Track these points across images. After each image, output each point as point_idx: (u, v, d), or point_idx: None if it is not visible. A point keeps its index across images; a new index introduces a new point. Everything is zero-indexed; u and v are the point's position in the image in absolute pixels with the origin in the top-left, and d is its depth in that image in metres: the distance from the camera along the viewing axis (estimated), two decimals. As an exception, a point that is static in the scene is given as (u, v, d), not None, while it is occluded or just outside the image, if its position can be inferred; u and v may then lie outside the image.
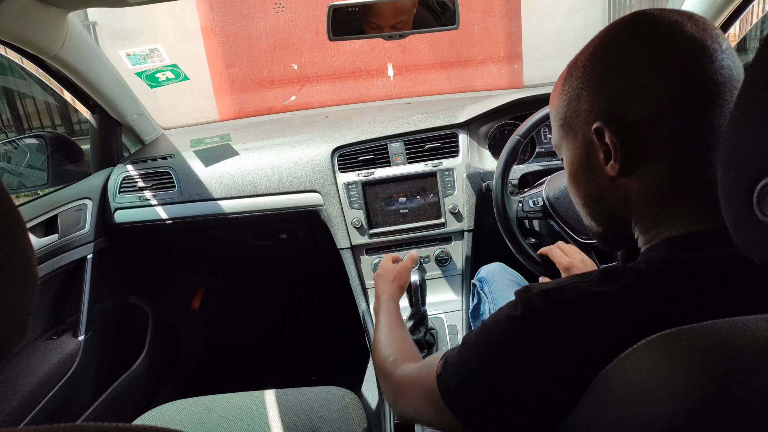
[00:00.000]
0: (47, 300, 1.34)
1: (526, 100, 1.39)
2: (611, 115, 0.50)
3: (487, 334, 0.52)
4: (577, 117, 0.54)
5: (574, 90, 0.54)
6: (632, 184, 0.52)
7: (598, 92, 0.51)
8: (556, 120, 0.58)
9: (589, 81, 0.52)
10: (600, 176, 0.54)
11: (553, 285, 0.50)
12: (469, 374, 0.52)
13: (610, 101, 0.50)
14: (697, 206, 0.49)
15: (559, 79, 0.58)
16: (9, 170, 1.48)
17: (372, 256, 1.42)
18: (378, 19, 1.20)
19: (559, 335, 0.46)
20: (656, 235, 0.51)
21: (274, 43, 3.30)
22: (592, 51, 0.52)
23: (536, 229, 1.34)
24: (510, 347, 0.49)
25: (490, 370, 0.50)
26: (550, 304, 0.47)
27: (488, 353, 0.51)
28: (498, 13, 3.46)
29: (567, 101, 0.55)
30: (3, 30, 1.04)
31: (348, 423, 0.94)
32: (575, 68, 0.54)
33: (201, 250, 1.68)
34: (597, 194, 0.56)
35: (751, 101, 0.34)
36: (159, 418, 0.99)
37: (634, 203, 0.53)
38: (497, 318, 0.52)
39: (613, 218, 0.56)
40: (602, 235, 0.60)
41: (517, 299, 0.51)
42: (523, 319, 0.48)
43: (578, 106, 0.53)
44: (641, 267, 0.48)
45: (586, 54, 0.53)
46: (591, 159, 0.54)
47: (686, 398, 0.34)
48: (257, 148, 1.48)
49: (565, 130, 0.57)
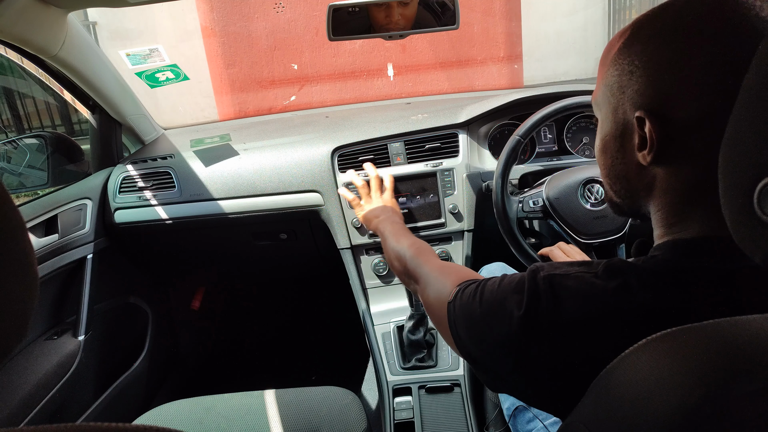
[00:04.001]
0: (47, 300, 1.34)
1: (526, 100, 1.39)
2: (658, 106, 0.48)
3: (491, 305, 0.55)
4: (623, 93, 0.51)
5: (629, 64, 0.50)
6: (660, 175, 0.51)
7: (653, 79, 0.48)
8: (602, 82, 0.55)
9: (647, 63, 0.48)
10: (630, 158, 0.53)
11: (561, 271, 0.51)
12: (472, 331, 0.57)
13: (661, 92, 0.47)
14: (714, 212, 0.48)
15: (617, 39, 0.53)
16: (9, 170, 1.48)
17: (372, 256, 1.42)
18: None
19: (555, 329, 0.48)
20: (669, 233, 0.51)
21: (274, 43, 3.30)
22: (661, 28, 0.48)
23: (536, 229, 1.34)
24: (508, 338, 0.51)
25: (487, 343, 0.54)
26: (553, 292, 0.49)
27: (489, 330, 0.54)
28: (498, 13, 3.46)
29: (619, 72, 0.52)
30: (3, 30, 1.04)
31: (348, 423, 0.94)
32: (638, 39, 0.50)
33: (201, 250, 1.68)
34: (622, 173, 0.55)
35: (752, 101, 0.34)
36: (159, 418, 0.99)
37: (657, 194, 0.52)
38: (501, 299, 0.54)
39: (633, 197, 0.56)
40: (617, 206, 0.59)
41: (525, 279, 0.52)
42: (523, 311, 0.50)
43: (628, 82, 0.50)
44: (643, 266, 0.48)
45: (655, 27, 0.49)
46: (625, 139, 0.53)
47: (687, 398, 0.34)
48: (257, 148, 1.48)
49: (607, 98, 0.54)
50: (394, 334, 1.31)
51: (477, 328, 0.56)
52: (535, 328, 0.49)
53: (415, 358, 1.25)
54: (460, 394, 1.15)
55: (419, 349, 1.26)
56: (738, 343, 0.35)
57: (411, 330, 1.25)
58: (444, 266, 0.76)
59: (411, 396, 1.16)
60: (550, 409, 0.53)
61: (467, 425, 1.08)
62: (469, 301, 0.58)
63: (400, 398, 1.17)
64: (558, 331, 0.48)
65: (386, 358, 1.27)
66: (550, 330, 0.48)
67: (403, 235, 0.98)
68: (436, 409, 1.13)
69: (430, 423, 1.10)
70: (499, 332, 0.52)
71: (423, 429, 1.09)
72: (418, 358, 1.25)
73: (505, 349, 0.52)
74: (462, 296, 0.60)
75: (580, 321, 0.47)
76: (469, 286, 0.60)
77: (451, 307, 0.61)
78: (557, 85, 1.51)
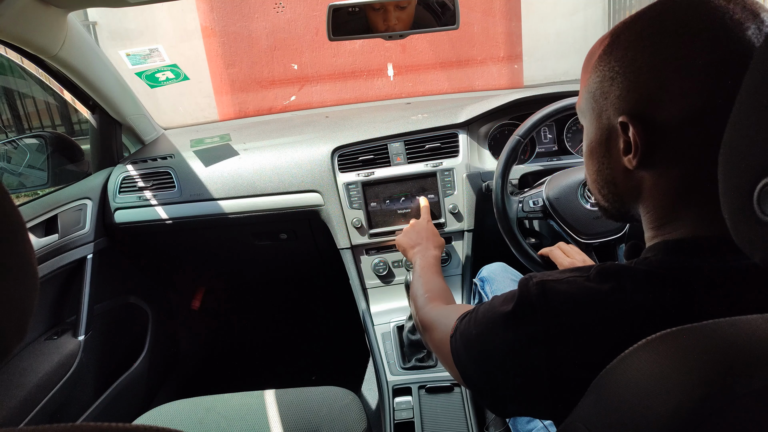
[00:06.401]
0: (47, 300, 1.34)
1: (526, 100, 1.39)
2: (640, 110, 0.48)
3: (486, 321, 0.56)
4: (606, 99, 0.52)
5: (610, 71, 0.51)
6: (647, 178, 0.51)
7: (634, 83, 0.48)
8: (585, 89, 0.56)
9: (627, 68, 0.49)
10: (616, 163, 0.53)
11: (553, 276, 0.51)
12: (471, 352, 0.57)
13: (642, 96, 0.48)
14: (703, 211, 0.48)
15: (598, 46, 0.54)
16: (9, 170, 1.48)
17: (372, 256, 1.42)
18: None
19: (549, 334, 0.48)
20: (659, 234, 0.52)
21: (274, 43, 3.30)
22: (640, 33, 0.48)
23: (536, 229, 1.34)
24: (504, 346, 0.52)
25: (486, 360, 0.54)
26: (546, 297, 0.49)
27: (486, 346, 0.55)
28: (498, 13, 3.46)
29: (600, 79, 0.52)
30: (3, 30, 1.04)
31: (348, 423, 0.94)
32: (618, 44, 0.50)
33: (201, 250, 1.68)
34: (609, 177, 0.55)
35: (752, 101, 0.34)
36: (159, 418, 0.99)
37: (645, 196, 0.52)
38: (494, 312, 0.54)
39: (621, 201, 0.56)
40: (606, 210, 0.60)
41: (517, 289, 0.53)
42: (516, 317, 0.51)
43: (610, 88, 0.51)
44: (636, 267, 0.48)
45: (633, 32, 0.49)
46: (610, 145, 0.53)
47: (686, 398, 0.34)
48: (257, 148, 1.48)
49: (590, 105, 0.55)
50: (394, 334, 1.31)
51: (475, 348, 0.56)
52: (530, 334, 0.49)
53: (415, 358, 1.25)
54: (460, 394, 1.15)
55: (419, 349, 1.26)
56: (737, 343, 0.35)
57: (411, 330, 1.25)
58: (450, 307, 0.77)
59: (411, 396, 1.16)
60: (549, 416, 0.53)
61: (467, 425, 1.08)
62: (467, 327, 0.59)
63: (400, 398, 1.17)
64: (553, 336, 0.48)
65: (386, 358, 1.27)
66: (545, 336, 0.48)
67: (425, 276, 0.95)
68: (436, 409, 1.13)
69: (430, 423, 1.10)
70: (494, 343, 0.53)
71: (423, 429, 1.09)
72: (418, 358, 1.25)
73: (502, 361, 0.52)
74: (461, 326, 0.61)
75: (575, 325, 0.47)
76: (467, 316, 0.61)
77: (453, 341, 0.61)
78: (557, 85, 1.51)
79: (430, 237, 1.13)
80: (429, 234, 1.15)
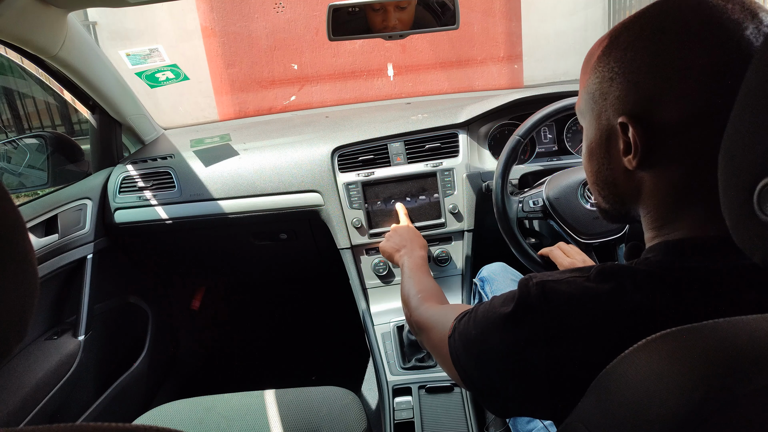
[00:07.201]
0: (47, 300, 1.34)
1: (526, 100, 1.39)
2: (640, 111, 0.48)
3: (486, 322, 0.55)
4: (605, 99, 0.52)
5: (609, 71, 0.51)
6: (647, 179, 0.51)
7: (633, 84, 0.48)
8: (584, 90, 0.56)
9: (627, 69, 0.49)
10: (616, 163, 0.53)
11: (553, 277, 0.51)
12: (471, 352, 0.57)
13: (642, 96, 0.48)
14: (703, 212, 0.48)
15: (597, 47, 0.54)
16: (9, 170, 1.48)
17: (372, 256, 1.42)
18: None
19: (549, 334, 0.48)
20: (659, 234, 0.52)
21: (274, 43, 3.30)
22: (639, 34, 0.48)
23: (536, 229, 1.34)
24: (504, 347, 0.52)
25: (486, 361, 0.54)
26: (546, 298, 0.49)
27: (485, 346, 0.54)
28: (498, 13, 3.46)
29: (600, 79, 0.52)
30: (3, 30, 1.04)
31: (348, 423, 0.94)
32: (617, 46, 0.50)
33: (201, 250, 1.68)
34: (609, 178, 0.55)
35: (752, 101, 0.34)
36: (159, 418, 0.99)
37: (645, 197, 0.52)
38: (494, 312, 0.54)
39: (621, 202, 0.56)
40: (606, 212, 0.60)
41: (517, 289, 0.53)
42: (516, 318, 0.51)
43: (609, 88, 0.51)
44: (636, 268, 0.48)
45: (632, 33, 0.49)
46: (610, 145, 0.53)
47: (686, 398, 0.34)
48: (257, 148, 1.48)
49: (590, 106, 0.55)
50: (394, 334, 1.31)
51: (474, 348, 0.56)
52: (530, 335, 0.49)
53: (415, 358, 1.25)
54: (460, 394, 1.15)
55: (419, 349, 1.26)
56: (737, 343, 0.35)
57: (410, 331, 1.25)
58: (446, 307, 0.76)
59: (411, 396, 1.16)
60: (549, 416, 0.53)
61: (467, 425, 1.08)
62: (466, 327, 0.58)
63: (400, 398, 1.17)
64: (553, 336, 0.48)
65: (386, 358, 1.27)
66: (546, 336, 0.48)
67: (416, 277, 0.95)
68: (436, 409, 1.13)
69: (430, 423, 1.10)
70: (494, 344, 0.53)
71: (423, 429, 1.09)
72: (418, 358, 1.25)
73: (503, 362, 0.52)
74: (459, 326, 0.60)
75: (575, 325, 0.47)
76: (465, 316, 0.60)
77: (451, 341, 0.60)
78: (557, 85, 1.51)
79: (414, 238, 1.15)
80: (412, 235, 1.16)
